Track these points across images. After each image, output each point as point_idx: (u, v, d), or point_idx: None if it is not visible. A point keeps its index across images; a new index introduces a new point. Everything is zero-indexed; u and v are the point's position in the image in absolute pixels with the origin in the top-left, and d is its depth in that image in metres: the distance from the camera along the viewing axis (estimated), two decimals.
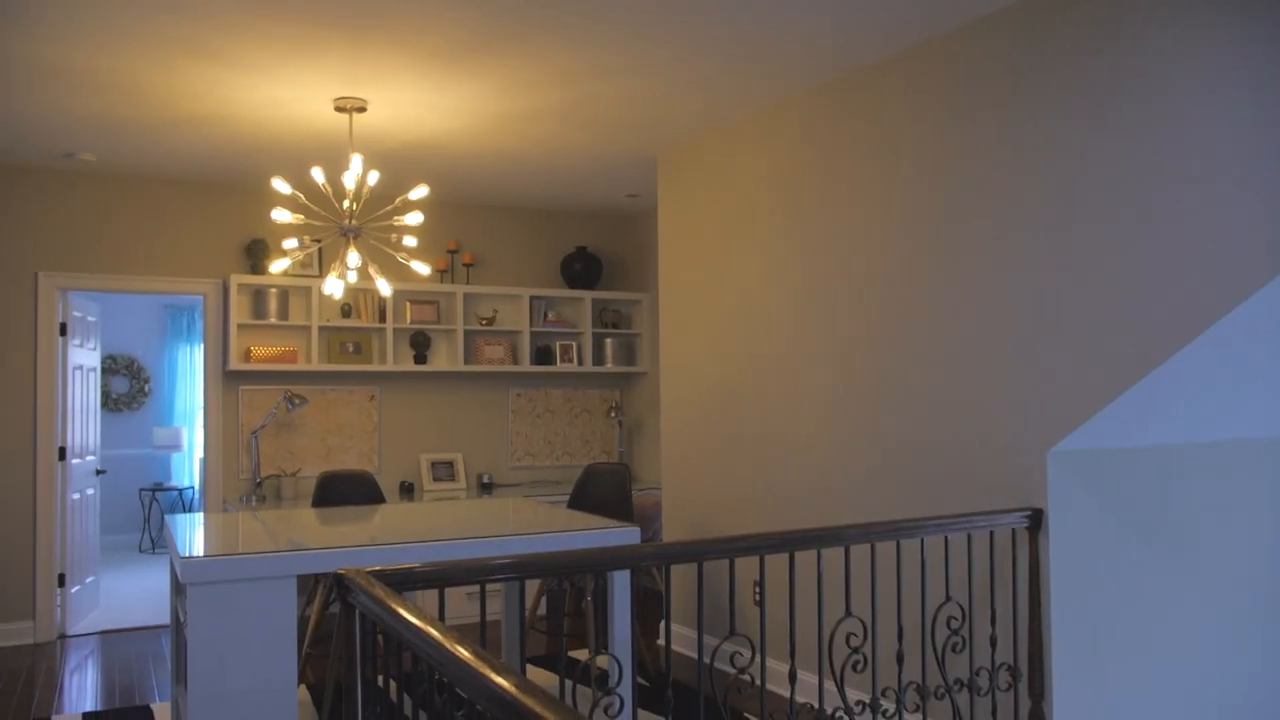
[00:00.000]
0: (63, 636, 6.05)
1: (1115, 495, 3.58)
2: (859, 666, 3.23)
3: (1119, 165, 3.24)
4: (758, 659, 3.15)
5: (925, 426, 3.96)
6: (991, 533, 3.49)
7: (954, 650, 3.45)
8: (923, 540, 3.38)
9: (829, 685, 3.88)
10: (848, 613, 3.22)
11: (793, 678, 3.16)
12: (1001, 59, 3.66)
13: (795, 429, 4.68)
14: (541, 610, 6.43)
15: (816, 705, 3.51)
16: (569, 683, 4.29)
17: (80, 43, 3.95)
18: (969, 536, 3.49)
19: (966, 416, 3.77)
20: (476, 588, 5.84)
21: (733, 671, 3.09)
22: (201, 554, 3.24)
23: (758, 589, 4.83)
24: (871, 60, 4.23)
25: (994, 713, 3.50)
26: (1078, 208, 3.36)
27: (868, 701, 3.34)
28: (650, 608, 6.42)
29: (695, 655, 5.29)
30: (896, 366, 4.11)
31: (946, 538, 3.49)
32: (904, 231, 4.09)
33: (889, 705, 3.71)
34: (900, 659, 3.42)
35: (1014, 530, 3.49)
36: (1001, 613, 3.53)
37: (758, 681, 3.13)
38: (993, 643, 3.49)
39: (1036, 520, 3.43)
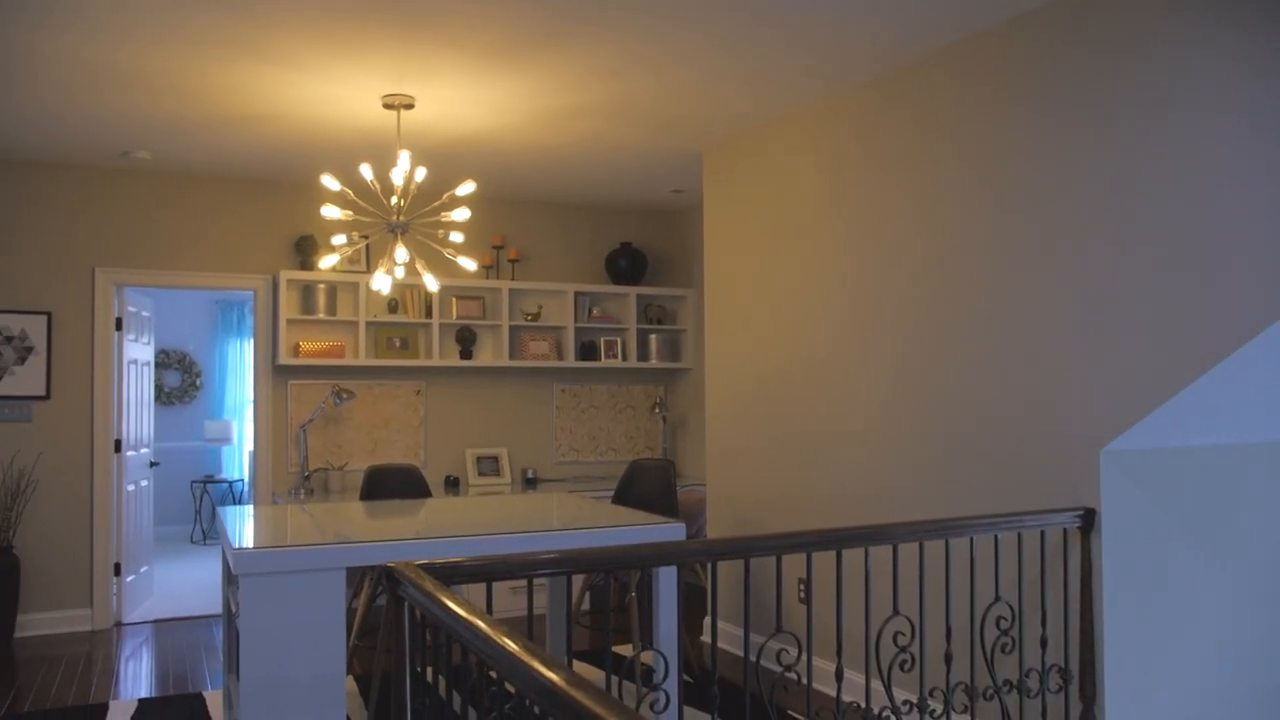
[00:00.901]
0: (118, 624, 6.18)
1: (1170, 495, 3.52)
2: (906, 666, 3.21)
3: (1175, 161, 3.17)
4: (803, 657, 3.13)
5: (975, 423, 3.91)
6: (1042, 532, 3.44)
7: (1003, 651, 3.41)
8: (972, 539, 3.34)
9: (876, 684, 3.85)
10: (895, 611, 3.19)
11: (839, 676, 3.14)
12: (1049, 54, 3.60)
13: (842, 426, 4.65)
14: (584, 605, 6.45)
15: (863, 704, 3.49)
16: (614, 678, 4.30)
17: (135, 43, 4.02)
18: (1019, 536, 3.45)
19: (1017, 414, 3.72)
20: (520, 582, 5.88)
21: (778, 669, 3.07)
22: (253, 546, 3.29)
23: (803, 586, 4.81)
24: (919, 55, 4.18)
25: (1044, 715, 3.45)
26: (1132, 204, 3.30)
27: (915, 701, 3.31)
28: (693, 604, 6.42)
29: (738, 652, 5.28)
30: (946, 363, 4.07)
31: (996, 537, 3.45)
32: (954, 227, 4.04)
33: (936, 705, 3.68)
34: (948, 659, 3.38)
35: (1065, 530, 3.44)
36: (1052, 614, 3.48)
37: (803, 680, 3.12)
38: (1043, 644, 3.44)
39: (1089, 520, 3.38)
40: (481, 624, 1.85)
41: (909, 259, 4.27)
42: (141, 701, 4.66)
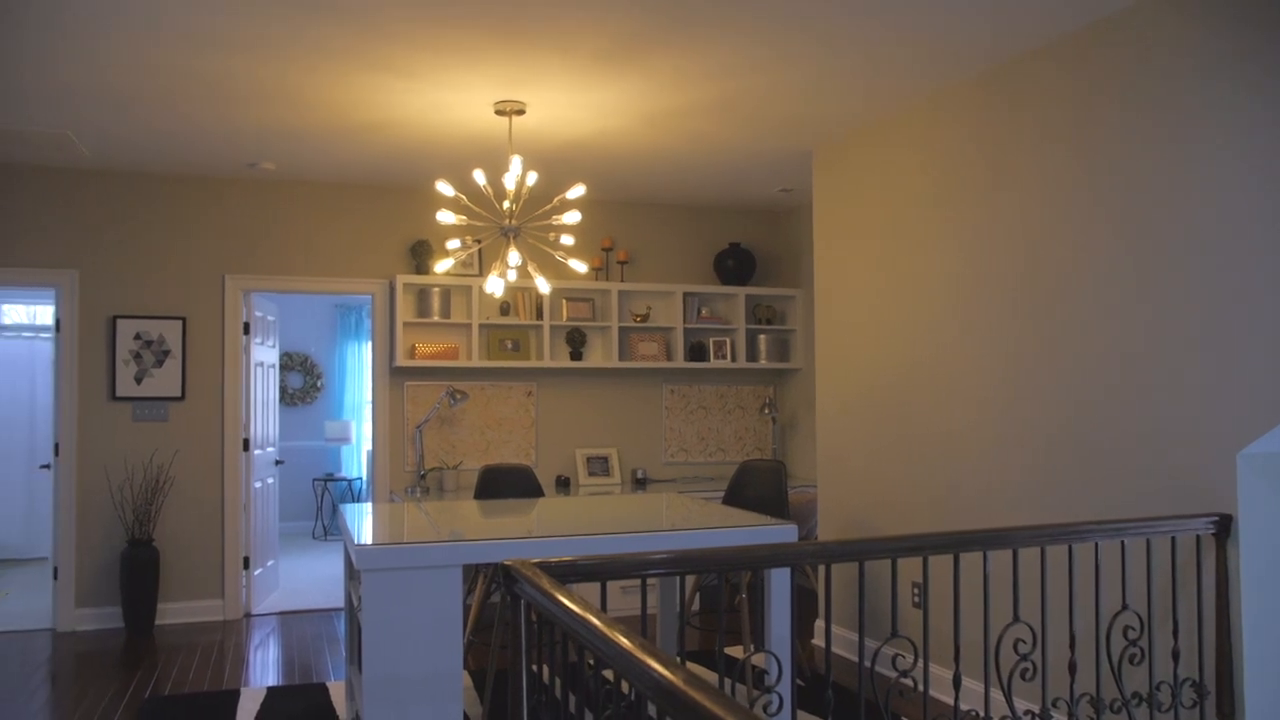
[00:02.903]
0: (248, 615, 6.46)
1: None
2: (1028, 675, 3.11)
3: None
4: (918, 663, 3.07)
5: (1096, 425, 3.76)
6: (1173, 538, 3.30)
7: (1131, 662, 3.28)
8: (1097, 544, 3.22)
9: (995, 693, 3.75)
10: (1015, 618, 3.10)
11: (957, 684, 3.06)
12: (1175, 43, 3.44)
13: (956, 427, 4.54)
14: (694, 606, 6.45)
15: (982, 713, 3.40)
16: (726, 680, 4.28)
17: (264, 59, 4.19)
18: (1148, 542, 3.31)
19: (1143, 414, 3.57)
20: (630, 581, 5.91)
21: (892, 675, 3.02)
22: (374, 543, 3.39)
23: (916, 590, 4.71)
24: (1034, 46, 4.05)
25: None
26: (1271, 197, 3.13)
27: (1037, 711, 3.21)
28: (802, 606, 6.35)
29: (850, 656, 5.20)
30: (1064, 363, 3.93)
31: (1123, 542, 3.31)
32: (1070, 224, 3.90)
33: (1060, 717, 3.56)
34: (1073, 668, 3.26)
35: (1198, 536, 3.28)
36: (1185, 624, 3.33)
37: (919, 686, 3.05)
38: (1175, 656, 3.29)
39: (1224, 527, 3.22)
40: (598, 622, 1.87)
41: (1022, 256, 4.14)
42: (270, 689, 4.86)
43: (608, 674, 1.87)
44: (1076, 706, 3.26)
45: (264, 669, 5.29)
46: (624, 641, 1.73)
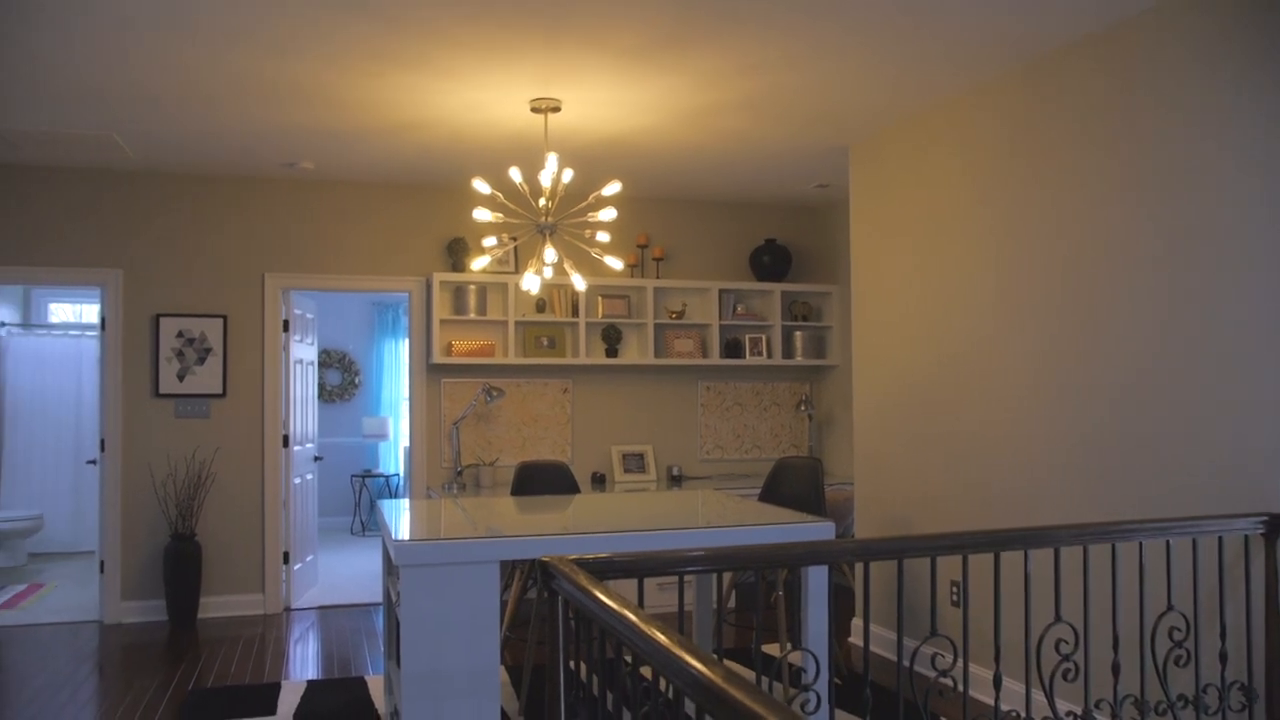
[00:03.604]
0: (288, 609, 6.53)
1: None
2: (1070, 675, 3.07)
3: None
4: (958, 662, 3.04)
5: (1139, 422, 3.70)
6: (1220, 538, 3.24)
7: (1177, 664, 3.22)
8: (1141, 544, 3.17)
9: (1037, 693, 3.70)
10: (1057, 618, 3.05)
11: (997, 684, 3.03)
12: (1213, 34, 3.37)
13: (996, 423, 4.49)
14: (730, 604, 6.44)
15: (1022, 714, 3.36)
16: (764, 678, 4.27)
17: (301, 59, 4.23)
18: (1194, 541, 3.25)
19: (1188, 411, 3.50)
20: (665, 578, 5.91)
21: (931, 674, 2.99)
22: (412, 538, 3.41)
23: (955, 589, 4.67)
24: (1070, 41, 3.99)
25: None
26: None
27: (1079, 713, 3.16)
28: (841, 604, 6.32)
29: (887, 655, 5.16)
30: (1105, 359, 3.87)
31: (1168, 542, 3.26)
32: (1109, 220, 3.84)
33: (1103, 718, 3.51)
34: (1116, 670, 3.22)
35: (1246, 537, 3.22)
36: (1233, 626, 3.26)
37: (959, 686, 3.02)
38: (1222, 659, 3.23)
39: (1274, 527, 3.15)
40: (635, 618, 1.87)
41: (1060, 251, 4.08)
42: (309, 683, 4.91)
43: (645, 671, 1.87)
44: (1120, 708, 3.21)
45: (304, 663, 5.35)
46: (662, 638, 1.73)
